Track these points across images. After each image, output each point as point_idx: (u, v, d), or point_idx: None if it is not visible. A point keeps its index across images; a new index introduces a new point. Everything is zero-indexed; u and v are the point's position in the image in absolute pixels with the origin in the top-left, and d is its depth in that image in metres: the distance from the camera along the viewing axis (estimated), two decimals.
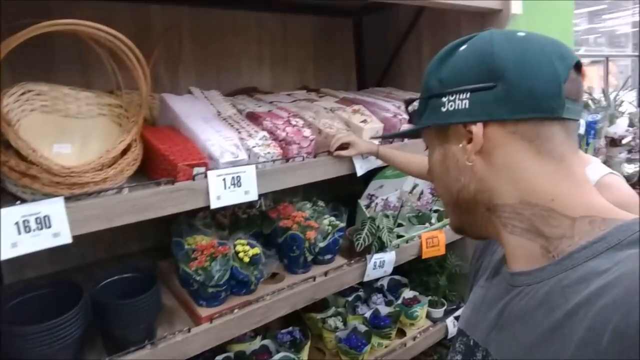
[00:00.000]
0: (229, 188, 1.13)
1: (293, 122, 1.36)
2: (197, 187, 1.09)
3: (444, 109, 0.62)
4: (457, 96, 0.61)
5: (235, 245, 1.23)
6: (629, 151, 3.25)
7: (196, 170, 1.09)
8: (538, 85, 0.56)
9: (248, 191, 1.16)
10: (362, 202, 1.70)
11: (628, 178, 3.02)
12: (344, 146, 1.37)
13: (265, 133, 1.27)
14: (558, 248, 0.56)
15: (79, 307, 0.95)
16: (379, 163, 1.50)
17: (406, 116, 1.68)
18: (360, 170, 1.46)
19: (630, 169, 3.07)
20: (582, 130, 2.93)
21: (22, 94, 0.99)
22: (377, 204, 1.75)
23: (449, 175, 0.65)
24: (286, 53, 1.91)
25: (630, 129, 3.27)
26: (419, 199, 1.91)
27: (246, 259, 1.21)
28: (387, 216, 1.58)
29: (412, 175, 1.50)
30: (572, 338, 0.49)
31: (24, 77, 1.05)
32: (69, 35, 0.97)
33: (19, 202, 0.86)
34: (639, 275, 0.46)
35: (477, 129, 0.59)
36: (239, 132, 1.25)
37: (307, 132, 1.34)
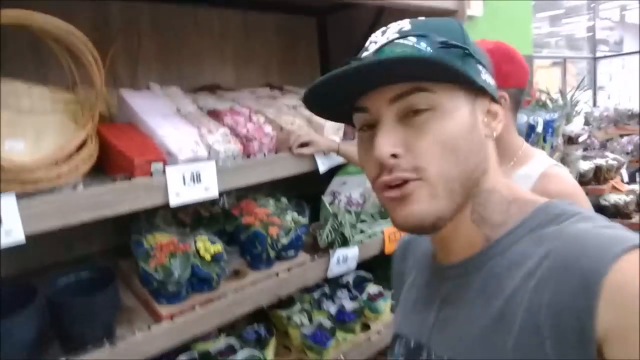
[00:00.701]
0: (188, 184, 1.13)
1: (254, 119, 1.36)
2: (155, 183, 1.08)
3: (482, 76, 0.58)
4: (486, 70, 0.60)
5: (196, 242, 1.23)
6: (585, 149, 3.41)
7: (154, 166, 1.08)
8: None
9: (208, 187, 1.16)
10: (326, 198, 1.72)
11: (583, 175, 3.16)
12: (305, 144, 1.38)
13: (225, 129, 1.27)
14: (496, 235, 0.58)
15: (30, 308, 0.93)
16: (341, 160, 1.52)
17: None
18: (322, 167, 1.48)
19: (585, 165, 3.21)
20: (540, 128, 3.05)
21: None
22: (340, 200, 1.77)
23: (471, 149, 0.56)
24: (249, 50, 1.91)
25: (586, 127, 3.42)
26: None
27: (207, 256, 1.21)
28: (349, 212, 1.60)
29: None
30: (514, 324, 0.50)
31: None
32: (22, 29, 0.94)
33: None
34: (561, 256, 0.49)
35: (499, 107, 0.61)
36: (199, 129, 1.24)
37: (268, 128, 1.35)
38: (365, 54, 0.58)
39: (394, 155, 0.54)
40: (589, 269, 0.46)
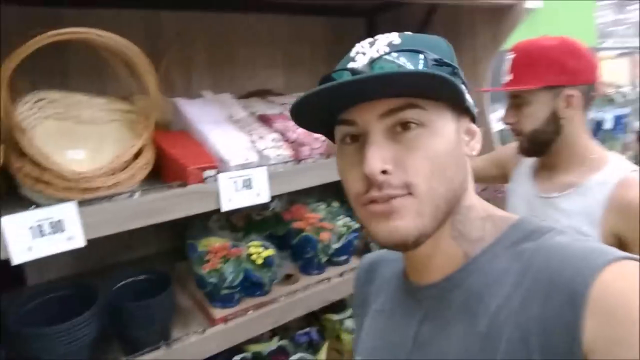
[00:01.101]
0: (240, 190, 1.13)
1: None
2: (208, 189, 1.09)
3: (466, 96, 0.57)
4: (467, 89, 0.59)
5: (248, 247, 1.24)
6: None
7: (207, 173, 1.10)
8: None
9: (259, 193, 1.17)
10: None
11: None
12: None
13: (276, 135, 1.27)
14: (474, 251, 0.57)
15: (92, 310, 0.97)
16: None
17: None
18: None
19: None
20: (608, 125, 2.84)
21: (36, 102, 1.02)
22: None
23: (457, 167, 0.56)
24: (299, 55, 1.91)
25: None
26: None
27: (259, 261, 1.21)
28: None
29: None
30: (500, 341, 0.50)
31: (41, 85, 1.08)
32: (82, 44, 0.99)
33: (33, 206, 0.88)
34: (544, 270, 0.49)
35: (476, 128, 0.61)
36: (250, 135, 1.25)
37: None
38: (352, 64, 0.56)
39: (384, 172, 0.52)
40: (574, 281, 0.46)
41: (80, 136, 1.09)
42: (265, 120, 1.38)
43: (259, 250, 1.23)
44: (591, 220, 1.05)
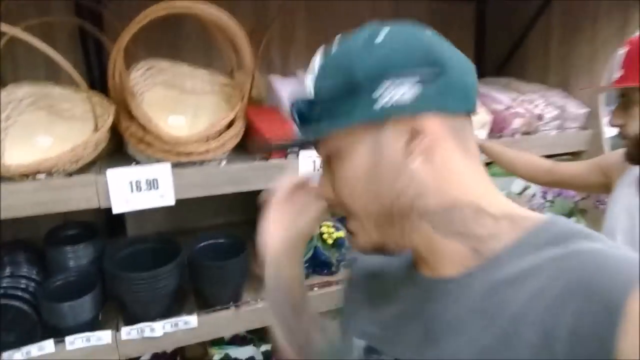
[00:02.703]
0: (318, 170, 1.16)
1: None
2: (288, 165, 1.13)
3: (376, 105, 0.52)
4: (399, 87, 0.52)
5: (320, 227, 1.26)
6: None
7: (289, 149, 1.14)
8: (469, 80, 0.56)
9: None
10: None
11: None
12: None
13: None
14: (487, 249, 0.54)
15: (173, 264, 1.06)
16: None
17: (521, 110, 1.55)
18: None
19: None
20: None
21: (148, 69, 1.12)
22: None
23: (381, 183, 0.54)
24: None
25: None
26: (528, 201, 1.76)
27: (329, 241, 1.24)
28: None
29: (519, 175, 1.39)
30: (521, 344, 0.47)
31: (155, 53, 1.18)
32: (194, 18, 1.07)
33: (134, 163, 0.99)
34: (576, 278, 0.46)
35: (428, 123, 0.52)
36: None
37: None
38: (308, 79, 0.59)
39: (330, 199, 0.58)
40: (610, 291, 0.43)
41: (182, 104, 1.19)
42: None
43: (330, 230, 1.25)
44: None
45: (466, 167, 0.56)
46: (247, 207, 1.72)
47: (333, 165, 0.56)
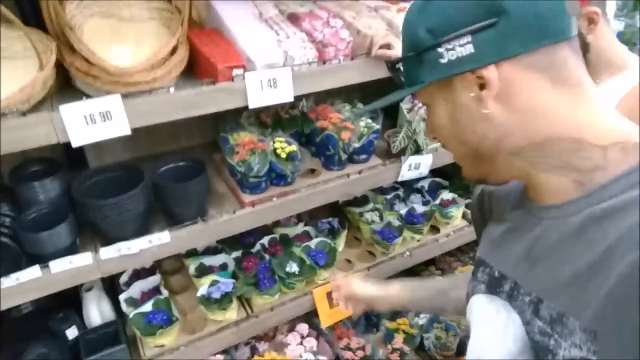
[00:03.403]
0: (265, 89, 1.22)
1: (332, 24, 1.38)
2: (236, 87, 1.19)
3: (443, 61, 0.57)
4: (457, 42, 0.56)
5: (274, 142, 1.36)
6: None
7: (235, 72, 1.19)
8: (542, 8, 0.53)
9: (284, 92, 1.25)
10: (404, 105, 1.73)
11: None
12: (386, 46, 1.36)
13: (303, 35, 1.31)
14: (592, 180, 0.55)
15: (138, 189, 1.16)
16: None
17: None
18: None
19: None
20: None
21: (81, 1, 1.11)
22: (420, 107, 1.77)
23: (463, 129, 0.61)
24: None
25: None
26: None
27: (283, 155, 1.34)
28: (424, 120, 1.61)
29: None
30: (613, 272, 0.48)
31: None
32: None
33: (84, 97, 1.03)
34: None
35: (489, 72, 0.55)
36: (278, 34, 1.30)
37: (344, 33, 1.36)
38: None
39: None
40: None
41: (122, 33, 1.19)
42: (294, 19, 1.41)
43: (283, 145, 1.35)
44: None
45: (560, 101, 0.55)
46: (202, 130, 1.79)
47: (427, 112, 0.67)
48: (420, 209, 1.86)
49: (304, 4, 1.54)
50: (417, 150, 1.61)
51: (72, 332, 1.35)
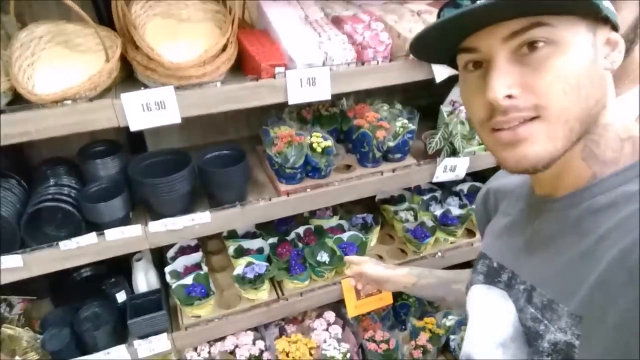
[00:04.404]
0: (304, 87, 1.32)
1: (373, 27, 1.44)
2: (277, 84, 1.29)
3: (602, 6, 0.51)
4: None
5: (311, 137, 1.45)
6: None
7: (277, 70, 1.29)
8: None
9: (322, 91, 1.34)
10: (445, 108, 1.76)
11: None
12: None
13: (344, 37, 1.39)
14: (604, 172, 0.56)
15: (184, 172, 1.30)
16: None
17: None
18: (439, 77, 1.51)
19: None
20: None
21: (146, 2, 1.26)
22: (460, 110, 1.79)
23: (592, 85, 0.52)
24: None
25: None
26: None
27: (318, 149, 1.43)
28: (462, 123, 1.63)
29: None
30: (602, 260, 0.50)
31: None
32: None
33: (142, 87, 1.17)
34: None
35: (619, 36, 0.55)
36: (320, 36, 1.39)
37: (384, 36, 1.42)
38: None
39: (509, 96, 0.51)
40: None
41: (179, 32, 1.33)
42: (337, 22, 1.49)
43: (319, 140, 1.43)
44: None
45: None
46: (250, 123, 1.91)
47: (539, 56, 0.51)
48: (456, 211, 1.87)
49: (349, 7, 1.62)
50: (454, 153, 1.64)
51: (121, 296, 1.52)
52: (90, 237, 1.26)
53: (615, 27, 0.55)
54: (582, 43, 0.51)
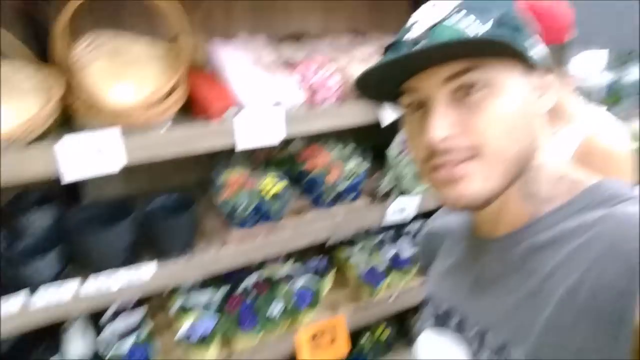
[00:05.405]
0: (255, 130, 1.28)
1: (325, 69, 1.45)
2: (227, 128, 1.25)
3: (532, 50, 0.55)
4: (536, 38, 0.56)
5: (262, 180, 1.41)
6: None
7: (227, 112, 1.25)
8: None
9: (273, 134, 1.31)
10: (393, 150, 1.79)
11: None
12: None
13: (296, 79, 1.39)
14: (541, 211, 0.58)
15: (126, 222, 1.20)
16: None
17: None
18: (385, 121, 1.54)
19: None
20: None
21: (92, 41, 1.19)
22: (406, 153, 1.83)
23: (526, 126, 0.55)
24: None
25: None
26: None
27: (271, 193, 1.38)
28: (410, 164, 1.66)
29: None
30: (550, 300, 0.51)
31: (100, 24, 1.24)
32: None
33: (82, 132, 1.08)
34: (609, 238, 0.49)
35: (552, 79, 0.59)
36: (271, 78, 1.38)
37: (335, 78, 1.43)
38: (409, 35, 0.56)
39: (447, 138, 0.53)
40: (635, 251, 0.46)
41: (127, 72, 1.26)
42: (289, 64, 1.49)
43: (271, 183, 1.39)
44: None
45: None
46: (198, 168, 1.83)
47: (476, 98, 0.53)
48: (407, 252, 1.88)
49: (300, 50, 1.63)
50: (403, 193, 1.66)
51: None
52: (14, 303, 1.11)
53: (549, 70, 0.59)
54: (517, 86, 0.54)
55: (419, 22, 0.56)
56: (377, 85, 0.60)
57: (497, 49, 0.51)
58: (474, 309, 0.64)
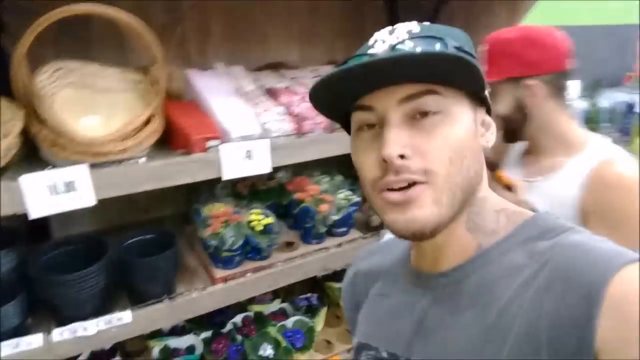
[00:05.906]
0: (241, 161, 1.20)
1: (307, 99, 1.39)
2: (210, 159, 1.17)
3: (483, 83, 0.56)
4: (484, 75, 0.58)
5: (249, 214, 1.32)
6: None
7: (210, 143, 1.17)
8: None
9: (260, 164, 1.23)
10: None
11: None
12: None
13: (280, 109, 1.32)
14: (488, 243, 0.57)
15: (100, 263, 1.08)
16: None
17: None
18: None
19: None
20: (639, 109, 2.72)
21: (55, 71, 1.10)
22: None
23: (473, 157, 0.56)
24: (315, 28, 1.92)
25: None
26: None
27: (259, 228, 1.29)
28: None
29: None
30: (509, 333, 0.49)
31: (66, 54, 1.15)
32: (102, 17, 1.06)
33: (49, 167, 0.98)
34: (563, 267, 0.49)
35: (491, 120, 0.62)
36: (256, 108, 1.31)
37: None
38: (371, 50, 0.56)
39: (402, 157, 0.52)
40: (590, 280, 0.46)
41: (95, 104, 1.18)
42: (272, 93, 1.43)
43: (259, 217, 1.30)
44: (570, 203, 1.05)
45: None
46: (176, 201, 1.73)
47: (429, 123, 0.53)
48: None
49: (282, 80, 1.57)
50: None
51: None
52: None
53: (489, 111, 0.62)
54: (466, 117, 0.55)
55: (383, 40, 0.56)
56: (332, 98, 0.57)
57: (458, 70, 0.51)
58: (422, 352, 0.59)
